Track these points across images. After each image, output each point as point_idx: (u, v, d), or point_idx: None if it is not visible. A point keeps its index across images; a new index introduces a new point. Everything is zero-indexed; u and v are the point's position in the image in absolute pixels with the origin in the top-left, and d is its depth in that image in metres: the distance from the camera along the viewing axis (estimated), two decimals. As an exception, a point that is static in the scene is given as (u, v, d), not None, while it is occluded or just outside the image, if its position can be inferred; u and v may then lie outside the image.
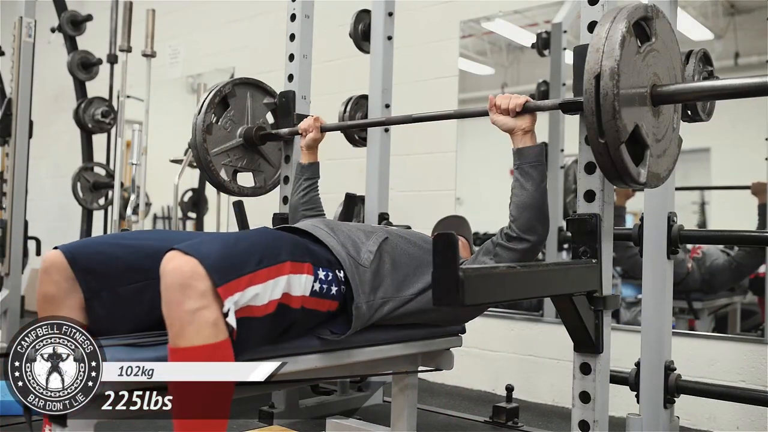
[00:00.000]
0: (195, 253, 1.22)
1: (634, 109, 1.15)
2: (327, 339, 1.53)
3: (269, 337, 1.38)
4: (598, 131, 1.13)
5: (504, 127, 1.64)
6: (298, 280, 1.40)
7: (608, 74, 1.11)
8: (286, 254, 1.39)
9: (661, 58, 1.25)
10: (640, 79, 1.18)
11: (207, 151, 2.20)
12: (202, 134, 2.18)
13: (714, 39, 3.29)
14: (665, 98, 1.23)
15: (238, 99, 2.30)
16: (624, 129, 1.12)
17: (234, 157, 2.30)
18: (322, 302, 1.47)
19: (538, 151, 1.61)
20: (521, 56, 3.78)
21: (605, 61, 1.12)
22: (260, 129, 2.31)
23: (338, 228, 1.66)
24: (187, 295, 1.19)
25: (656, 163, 1.23)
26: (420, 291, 1.66)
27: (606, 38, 1.15)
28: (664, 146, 1.27)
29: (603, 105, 1.11)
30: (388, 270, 1.63)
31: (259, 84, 2.38)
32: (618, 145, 1.12)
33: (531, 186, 1.60)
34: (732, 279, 3.14)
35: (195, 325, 1.19)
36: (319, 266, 1.47)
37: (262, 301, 1.30)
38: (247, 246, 1.33)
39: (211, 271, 1.21)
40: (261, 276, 1.30)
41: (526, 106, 1.60)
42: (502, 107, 1.62)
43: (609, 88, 1.11)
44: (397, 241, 1.70)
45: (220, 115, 2.25)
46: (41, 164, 5.45)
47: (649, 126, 1.21)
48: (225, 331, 1.22)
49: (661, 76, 1.25)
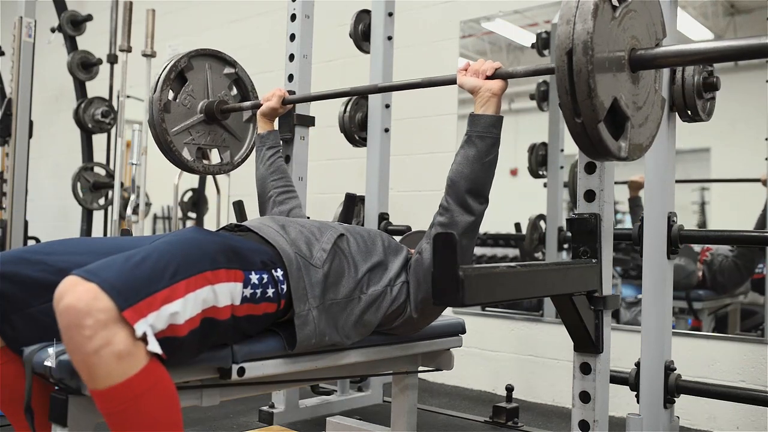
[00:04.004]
0: (94, 278, 1.09)
1: (611, 81, 1.06)
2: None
3: (198, 351, 1.27)
4: (573, 111, 1.04)
5: (469, 86, 1.58)
6: (224, 289, 1.27)
7: (581, 49, 1.01)
8: (208, 263, 1.25)
9: (640, 18, 1.14)
10: (617, 46, 1.08)
11: (166, 131, 2.07)
12: (160, 113, 2.05)
13: (714, 39, 3.29)
14: (645, 63, 1.13)
15: (196, 72, 2.17)
16: (601, 107, 1.03)
17: (196, 135, 2.17)
18: (256, 307, 1.36)
19: (491, 122, 1.53)
20: (521, 56, 3.78)
21: (577, 34, 1.02)
22: (222, 102, 2.19)
23: (290, 225, 1.56)
24: (84, 336, 1.05)
25: (638, 133, 1.14)
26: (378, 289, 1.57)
27: (577, 7, 1.04)
28: (646, 112, 1.18)
29: (577, 83, 1.01)
30: (344, 269, 1.53)
31: (217, 54, 2.26)
32: (595, 125, 1.03)
33: (472, 155, 1.53)
34: (741, 278, 3.15)
35: (103, 366, 1.06)
36: (251, 270, 1.35)
37: (184, 318, 1.17)
38: (157, 259, 1.18)
39: (114, 295, 1.08)
40: (178, 290, 1.17)
41: (498, 72, 1.56)
42: (473, 69, 1.58)
43: (582, 65, 1.00)
44: (354, 238, 1.62)
45: (178, 91, 2.13)
46: (41, 164, 5.45)
47: (629, 95, 1.11)
48: (144, 357, 1.10)
49: (640, 37, 1.15)
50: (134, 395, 1.10)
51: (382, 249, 1.64)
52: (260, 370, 1.42)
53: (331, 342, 1.50)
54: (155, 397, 1.13)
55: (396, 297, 1.59)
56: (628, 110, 1.10)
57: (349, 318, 1.53)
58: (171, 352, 1.16)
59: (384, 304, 1.58)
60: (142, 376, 1.10)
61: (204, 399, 1.40)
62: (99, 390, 1.09)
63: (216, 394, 1.42)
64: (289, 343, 1.45)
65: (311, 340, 1.45)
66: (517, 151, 3.51)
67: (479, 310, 3.31)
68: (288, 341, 1.45)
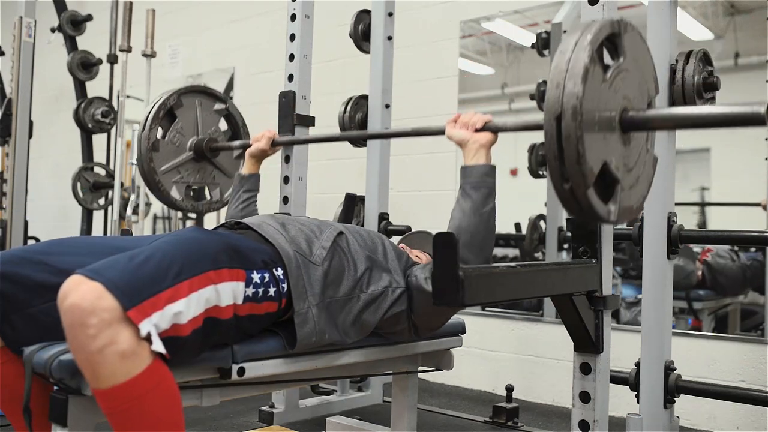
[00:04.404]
0: (98, 277, 1.09)
1: (602, 143, 1.03)
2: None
3: (200, 351, 1.28)
4: (561, 176, 1.00)
5: (458, 139, 1.56)
6: (227, 288, 1.28)
7: (570, 114, 0.97)
8: (211, 262, 1.25)
9: (632, 77, 1.12)
10: (607, 108, 1.06)
11: (155, 170, 2.04)
12: (148, 152, 2.03)
13: (714, 39, 3.29)
14: (637, 125, 1.10)
15: (186, 109, 2.15)
16: (590, 172, 1.00)
17: (186, 173, 2.14)
18: (259, 306, 1.36)
19: (483, 171, 1.51)
20: (521, 56, 3.78)
21: (567, 98, 0.98)
22: (211, 140, 2.17)
23: (290, 223, 1.56)
24: (88, 335, 1.05)
25: (628, 195, 1.10)
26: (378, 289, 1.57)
27: (567, 71, 1.00)
28: (637, 173, 1.15)
29: (566, 148, 0.98)
30: (343, 267, 1.54)
31: (206, 90, 2.24)
32: (584, 191, 0.99)
33: (469, 209, 1.50)
34: (745, 285, 3.16)
35: (107, 366, 1.07)
36: (253, 269, 1.35)
37: (187, 317, 1.17)
38: (161, 259, 1.18)
39: (118, 294, 1.08)
40: (182, 290, 1.17)
41: (488, 125, 1.54)
42: (462, 121, 1.56)
43: (572, 130, 0.97)
44: (354, 237, 1.62)
45: (167, 128, 2.10)
46: (41, 164, 5.45)
47: (619, 158, 1.08)
48: (147, 356, 1.11)
49: (632, 97, 1.12)
50: (138, 395, 1.10)
51: (382, 250, 1.65)
52: (260, 370, 1.42)
53: (331, 340, 1.50)
54: (158, 397, 1.14)
55: (395, 301, 1.59)
56: (619, 173, 1.07)
57: (348, 316, 1.53)
58: (174, 351, 1.16)
59: (383, 305, 1.58)
60: (145, 376, 1.11)
61: (204, 399, 1.40)
62: (102, 389, 1.09)
63: (216, 394, 1.42)
64: (289, 343, 1.45)
65: (311, 338, 1.45)
66: (517, 151, 3.51)
67: (479, 310, 3.31)
68: (288, 341, 1.45)
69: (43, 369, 1.17)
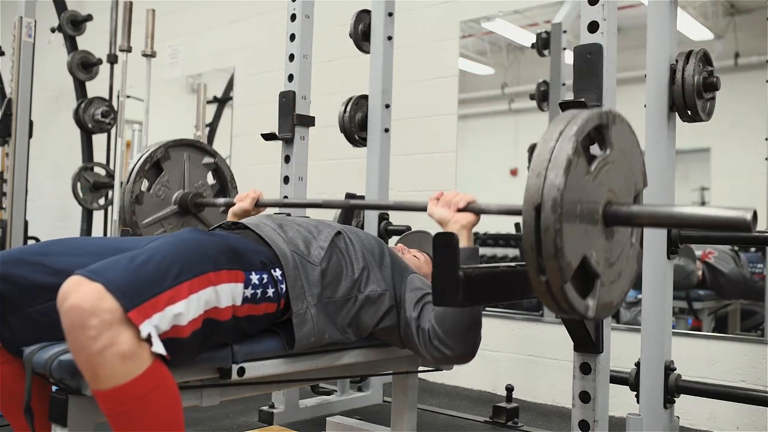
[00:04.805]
0: (99, 278, 1.09)
1: (582, 236, 1.00)
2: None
3: (199, 352, 1.28)
4: (538, 269, 0.97)
5: (438, 218, 1.54)
6: (226, 289, 1.27)
7: (550, 206, 0.94)
8: (210, 264, 1.25)
9: (619, 170, 1.08)
10: (590, 200, 1.02)
11: (136, 223, 2.01)
12: (131, 205, 2.00)
13: (714, 39, 3.29)
14: (620, 220, 1.05)
15: (174, 162, 2.12)
16: (568, 267, 0.96)
17: (169, 227, 2.11)
18: (257, 307, 1.36)
19: (466, 255, 1.46)
20: (521, 56, 3.78)
21: (547, 190, 0.95)
22: (197, 195, 2.14)
23: (288, 224, 1.56)
24: (89, 336, 1.05)
25: (608, 291, 1.05)
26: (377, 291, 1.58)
27: (549, 160, 0.97)
28: (619, 268, 1.10)
29: (543, 241, 0.95)
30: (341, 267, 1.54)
31: (196, 144, 2.22)
32: (560, 285, 0.96)
33: None
34: (748, 293, 3.15)
35: (107, 367, 1.06)
36: (252, 270, 1.36)
37: (186, 319, 1.17)
38: (161, 260, 1.18)
39: (119, 295, 1.08)
40: (182, 291, 1.17)
41: (470, 206, 1.51)
42: (445, 199, 1.54)
43: (551, 223, 0.94)
44: (351, 237, 1.62)
45: (153, 180, 2.07)
46: (41, 164, 5.45)
47: (600, 252, 1.04)
48: (148, 358, 1.10)
49: (617, 190, 1.07)
50: (138, 396, 1.10)
51: (380, 254, 1.65)
52: (260, 370, 1.42)
53: (331, 340, 1.50)
54: (159, 398, 1.14)
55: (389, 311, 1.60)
56: (599, 268, 1.03)
57: (346, 317, 1.54)
58: (173, 352, 1.16)
59: (381, 309, 1.58)
60: (146, 377, 1.11)
61: (204, 399, 1.40)
62: (103, 390, 1.09)
63: (216, 394, 1.42)
64: (288, 343, 1.45)
65: (310, 338, 1.45)
66: (517, 151, 3.51)
67: (479, 310, 3.31)
68: (287, 341, 1.45)
69: (43, 369, 1.17)
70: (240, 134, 4.57)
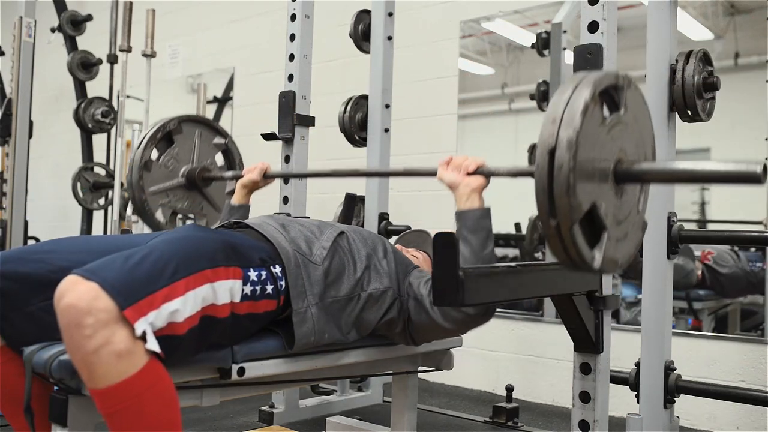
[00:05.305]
0: (95, 277, 1.09)
1: (593, 186, 1.01)
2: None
3: (197, 350, 1.28)
4: (549, 212, 0.98)
5: (448, 182, 1.54)
6: (224, 286, 1.27)
7: (565, 145, 0.95)
8: (207, 260, 1.25)
9: (630, 133, 1.09)
10: (603, 153, 1.03)
11: (143, 189, 2.01)
12: (139, 170, 2.00)
13: (714, 39, 3.29)
14: (631, 176, 1.07)
15: (185, 137, 2.12)
16: (578, 207, 0.97)
17: (174, 198, 2.11)
18: (257, 304, 1.36)
19: (479, 215, 1.49)
20: (521, 56, 3.78)
21: (563, 131, 0.96)
22: (204, 170, 2.14)
23: (290, 224, 1.57)
24: (84, 335, 1.06)
25: (614, 247, 1.07)
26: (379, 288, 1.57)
27: (565, 106, 0.98)
28: (626, 229, 1.11)
29: (556, 179, 0.96)
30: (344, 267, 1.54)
31: (209, 123, 2.22)
32: (570, 225, 0.96)
33: (469, 254, 1.47)
34: (748, 290, 3.15)
35: (103, 366, 1.07)
36: (250, 267, 1.35)
37: (183, 315, 1.17)
38: (157, 258, 1.18)
39: (114, 294, 1.08)
40: (178, 289, 1.17)
41: (480, 169, 1.52)
42: (455, 164, 1.54)
43: (564, 160, 0.95)
44: (355, 237, 1.62)
45: (163, 151, 2.08)
46: (41, 164, 5.45)
47: (610, 206, 1.05)
48: (143, 356, 1.11)
49: (628, 152, 1.09)
50: (134, 394, 1.10)
51: (383, 251, 1.65)
52: (260, 370, 1.42)
53: (331, 340, 1.50)
54: (155, 397, 1.14)
55: (392, 305, 1.59)
56: (607, 220, 1.04)
57: (350, 316, 1.53)
58: (170, 350, 1.16)
59: (384, 305, 1.58)
60: (141, 376, 1.11)
61: (204, 399, 1.40)
62: (98, 389, 1.09)
63: (216, 394, 1.42)
64: (288, 342, 1.45)
65: (310, 337, 1.45)
66: (517, 151, 3.50)
67: (479, 310, 3.31)
68: (287, 340, 1.45)
69: (43, 369, 1.17)
70: (240, 134, 4.55)
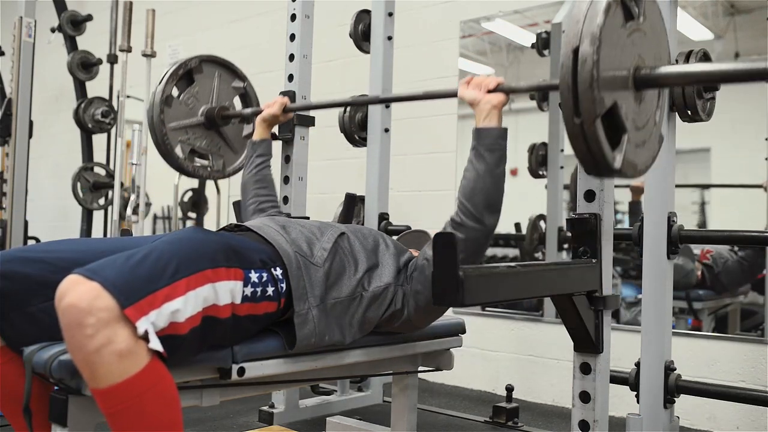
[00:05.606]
0: (96, 277, 1.09)
1: (615, 88, 1.04)
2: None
3: (198, 351, 1.28)
4: (573, 109, 1.01)
5: (469, 98, 1.59)
6: (225, 287, 1.28)
7: (588, 41, 0.99)
8: (208, 261, 1.26)
9: (648, 42, 1.13)
10: (623, 57, 1.06)
11: (163, 123, 2.04)
12: (160, 105, 2.03)
13: (714, 39, 3.29)
14: (650, 81, 1.11)
15: (205, 77, 2.16)
16: (601, 101, 1.00)
17: (192, 136, 2.15)
18: (257, 306, 1.36)
19: (497, 134, 1.53)
20: (521, 56, 3.78)
21: (586, 28, 1.00)
22: (223, 108, 2.17)
23: (291, 225, 1.57)
24: (86, 334, 1.06)
25: (634, 152, 1.11)
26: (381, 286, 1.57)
27: (588, 7, 1.02)
28: (644, 137, 1.15)
29: (580, 74, 0.99)
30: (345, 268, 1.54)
31: (228, 65, 2.25)
32: (593, 120, 1.00)
33: (483, 170, 1.52)
34: (744, 279, 3.16)
35: (104, 365, 1.07)
36: (251, 268, 1.36)
37: (185, 315, 1.17)
38: (158, 258, 1.19)
39: (115, 293, 1.08)
40: (179, 288, 1.17)
41: (500, 87, 1.57)
42: (476, 82, 1.59)
43: (588, 55, 0.98)
44: (355, 237, 1.63)
45: (183, 89, 2.11)
46: (41, 164, 5.45)
47: (630, 109, 1.09)
48: (145, 355, 1.11)
49: (646, 59, 1.13)
50: (135, 394, 1.10)
51: (384, 248, 1.65)
52: (260, 370, 1.42)
53: (332, 342, 1.50)
54: (156, 396, 1.14)
55: (396, 298, 1.59)
56: (627, 123, 1.08)
57: (354, 316, 1.54)
58: (172, 350, 1.16)
59: (386, 302, 1.58)
60: (143, 375, 1.11)
61: (204, 399, 1.40)
62: (100, 389, 1.09)
63: (216, 394, 1.42)
64: (289, 343, 1.45)
65: (311, 339, 1.45)
66: (517, 151, 3.51)
67: (479, 310, 3.31)
68: (288, 341, 1.45)
69: (43, 369, 1.17)
70: (240, 134, 4.57)
